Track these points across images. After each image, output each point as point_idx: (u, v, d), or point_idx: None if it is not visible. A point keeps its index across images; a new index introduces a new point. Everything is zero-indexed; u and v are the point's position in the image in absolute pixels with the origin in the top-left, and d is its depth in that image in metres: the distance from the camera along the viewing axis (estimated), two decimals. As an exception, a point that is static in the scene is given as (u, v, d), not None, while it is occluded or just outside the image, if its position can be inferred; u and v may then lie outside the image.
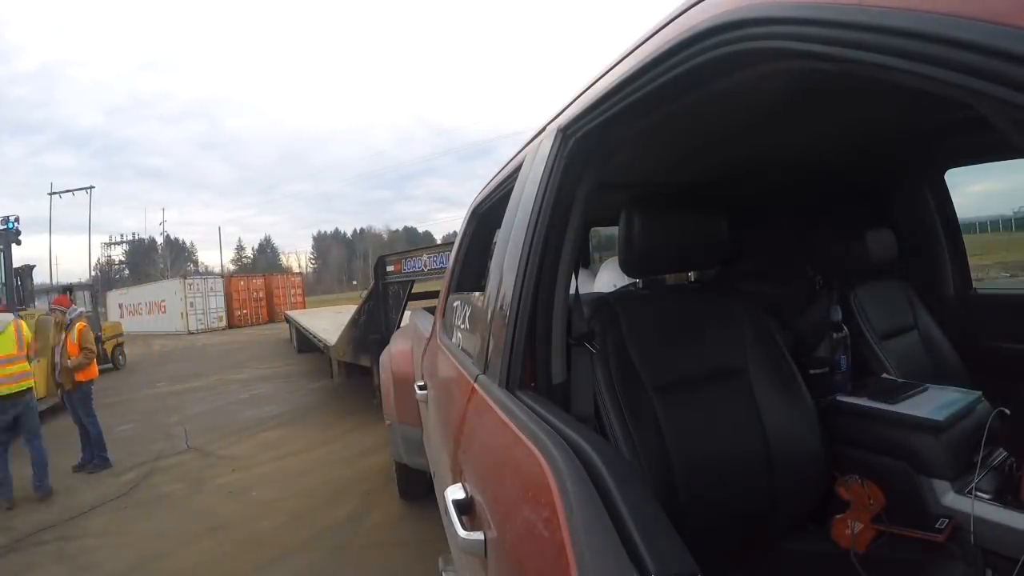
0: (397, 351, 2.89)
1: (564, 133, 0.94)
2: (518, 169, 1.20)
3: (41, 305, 9.25)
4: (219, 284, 22.40)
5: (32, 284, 8.21)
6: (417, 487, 3.07)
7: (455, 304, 1.71)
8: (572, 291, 1.00)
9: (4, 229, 7.09)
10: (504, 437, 0.80)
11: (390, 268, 5.41)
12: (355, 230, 79.08)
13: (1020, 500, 1.02)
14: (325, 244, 76.75)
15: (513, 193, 1.16)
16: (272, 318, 23.01)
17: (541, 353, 0.93)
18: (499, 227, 1.22)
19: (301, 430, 5.43)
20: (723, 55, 0.55)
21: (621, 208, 1.17)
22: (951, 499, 1.08)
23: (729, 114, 0.86)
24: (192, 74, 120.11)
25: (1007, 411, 1.09)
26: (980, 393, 1.11)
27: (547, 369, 0.93)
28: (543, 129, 1.13)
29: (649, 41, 0.71)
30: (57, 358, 4.43)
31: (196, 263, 60.54)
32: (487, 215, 1.86)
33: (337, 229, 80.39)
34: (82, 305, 10.52)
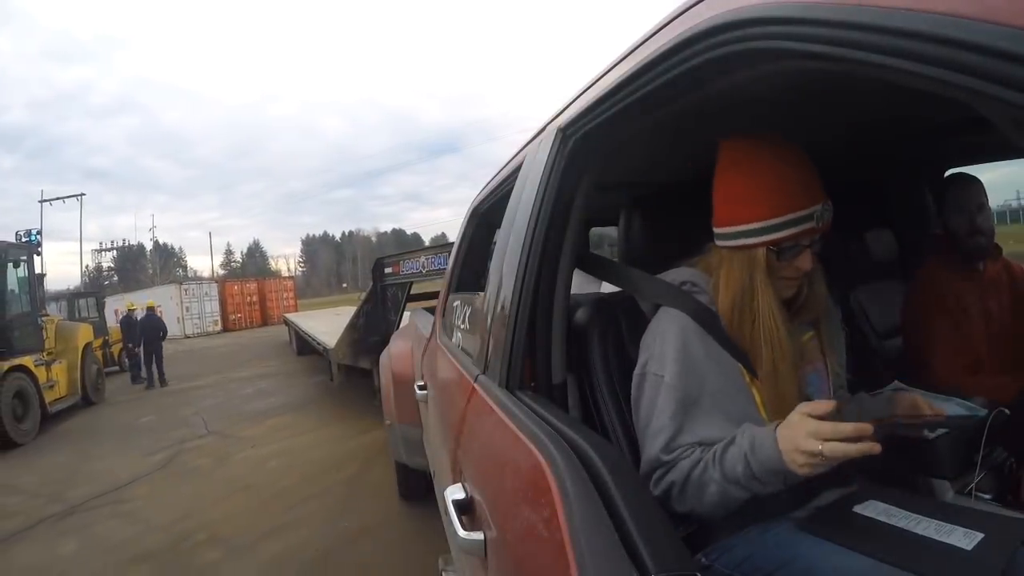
0: (397, 351, 2.88)
1: (564, 133, 0.95)
2: (518, 169, 1.20)
3: (51, 311, 9.44)
4: (213, 289, 22.74)
5: (43, 292, 8.57)
6: (417, 487, 3.07)
7: (455, 304, 1.71)
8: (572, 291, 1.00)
9: (27, 241, 7.81)
10: (504, 437, 0.80)
11: (388, 270, 5.41)
12: (343, 233, 79.62)
13: (1020, 500, 1.02)
14: (314, 247, 76.76)
15: (513, 193, 1.16)
16: (266, 321, 23.42)
17: (541, 353, 0.93)
18: (499, 227, 1.22)
19: (306, 417, 6.02)
20: (723, 55, 0.55)
21: (621, 208, 1.17)
22: (951, 499, 1.08)
23: (729, 114, 0.86)
24: (112, 63, 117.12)
25: (1007, 411, 1.09)
26: (987, 412, 1.09)
27: (547, 369, 0.93)
28: (543, 129, 1.13)
29: (649, 41, 0.71)
30: None
31: (185, 268, 60.53)
32: (487, 215, 1.86)
33: (326, 232, 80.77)
34: (86, 312, 10.75)
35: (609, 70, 0.84)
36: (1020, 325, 1.45)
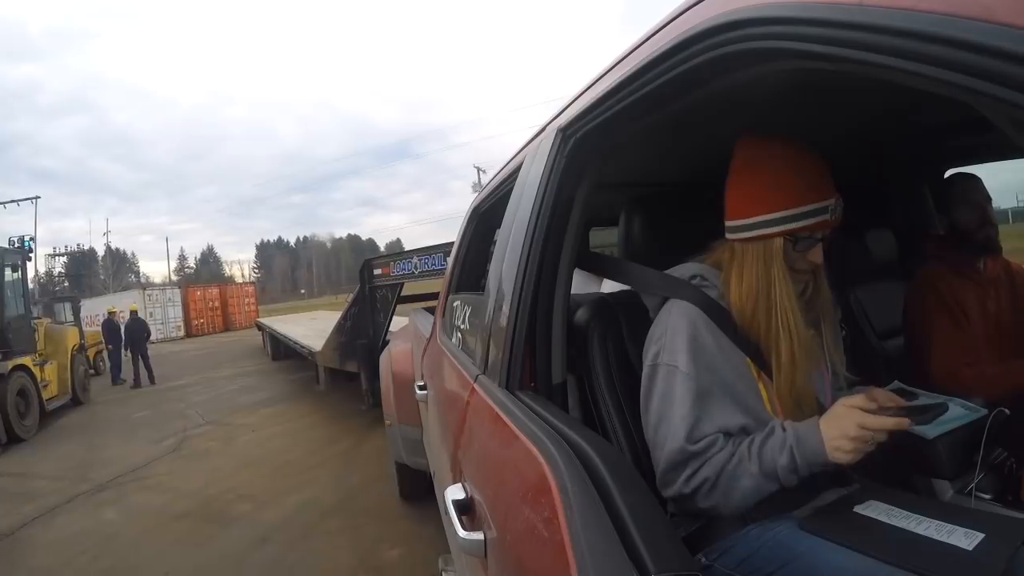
0: (397, 351, 2.89)
1: (564, 133, 0.95)
2: (518, 169, 1.20)
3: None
4: (177, 294, 23.12)
5: None
6: (417, 487, 3.07)
7: (455, 304, 1.71)
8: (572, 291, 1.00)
9: (20, 248, 8.20)
10: (504, 437, 0.80)
11: (377, 271, 5.36)
12: (298, 238, 79.72)
13: (1020, 500, 1.02)
14: (268, 253, 76.27)
15: (513, 193, 1.16)
16: (228, 327, 24.00)
17: (541, 353, 0.93)
18: (499, 227, 1.22)
19: (294, 407, 6.51)
20: (723, 55, 0.55)
21: (621, 208, 1.17)
22: (951, 499, 1.08)
23: (729, 114, 0.86)
24: (61, 60, 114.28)
25: (1007, 411, 1.09)
26: (987, 412, 1.09)
27: (547, 369, 0.93)
28: (543, 129, 1.13)
29: (649, 41, 0.71)
30: None
31: (138, 274, 59.53)
32: (487, 215, 1.86)
33: (280, 238, 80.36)
34: (62, 316, 10.83)
35: (609, 70, 0.84)
36: (1018, 325, 1.45)
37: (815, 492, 0.88)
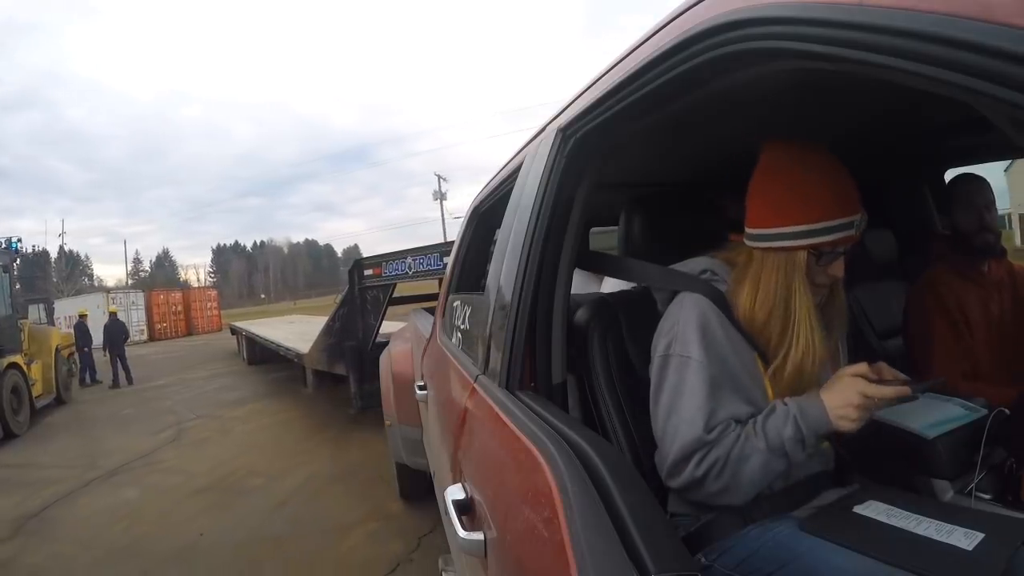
0: (397, 351, 2.89)
1: (564, 133, 0.95)
2: (518, 169, 1.20)
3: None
4: (140, 298, 23.23)
5: None
6: (417, 487, 3.07)
7: (455, 304, 1.71)
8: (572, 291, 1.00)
9: (7, 249, 8.11)
10: (504, 437, 0.80)
11: (368, 272, 5.31)
12: (255, 243, 79.35)
13: (1020, 500, 1.02)
14: (225, 257, 75.69)
15: (513, 193, 1.16)
16: (191, 331, 24.30)
17: (541, 353, 0.93)
18: (499, 227, 1.22)
19: (277, 402, 6.73)
20: (723, 55, 0.55)
21: (621, 208, 1.17)
22: (951, 499, 1.08)
23: (729, 114, 0.86)
24: (15, 54, 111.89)
25: (1007, 411, 1.09)
26: (986, 411, 1.08)
27: (547, 369, 0.93)
28: (543, 129, 1.13)
29: (649, 41, 0.71)
30: None
31: (91, 277, 58.34)
32: (487, 215, 1.86)
33: (237, 242, 79.83)
34: (36, 317, 10.80)
35: (609, 70, 0.84)
36: (1021, 327, 1.44)
37: (815, 492, 0.88)
